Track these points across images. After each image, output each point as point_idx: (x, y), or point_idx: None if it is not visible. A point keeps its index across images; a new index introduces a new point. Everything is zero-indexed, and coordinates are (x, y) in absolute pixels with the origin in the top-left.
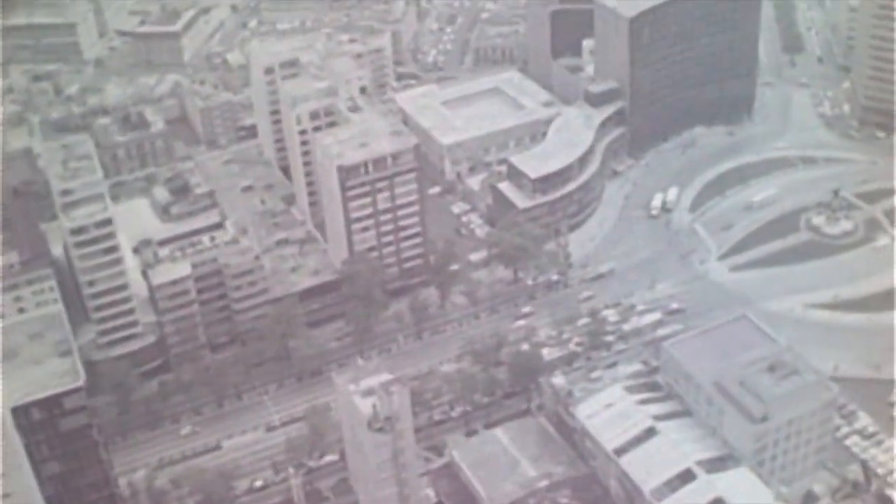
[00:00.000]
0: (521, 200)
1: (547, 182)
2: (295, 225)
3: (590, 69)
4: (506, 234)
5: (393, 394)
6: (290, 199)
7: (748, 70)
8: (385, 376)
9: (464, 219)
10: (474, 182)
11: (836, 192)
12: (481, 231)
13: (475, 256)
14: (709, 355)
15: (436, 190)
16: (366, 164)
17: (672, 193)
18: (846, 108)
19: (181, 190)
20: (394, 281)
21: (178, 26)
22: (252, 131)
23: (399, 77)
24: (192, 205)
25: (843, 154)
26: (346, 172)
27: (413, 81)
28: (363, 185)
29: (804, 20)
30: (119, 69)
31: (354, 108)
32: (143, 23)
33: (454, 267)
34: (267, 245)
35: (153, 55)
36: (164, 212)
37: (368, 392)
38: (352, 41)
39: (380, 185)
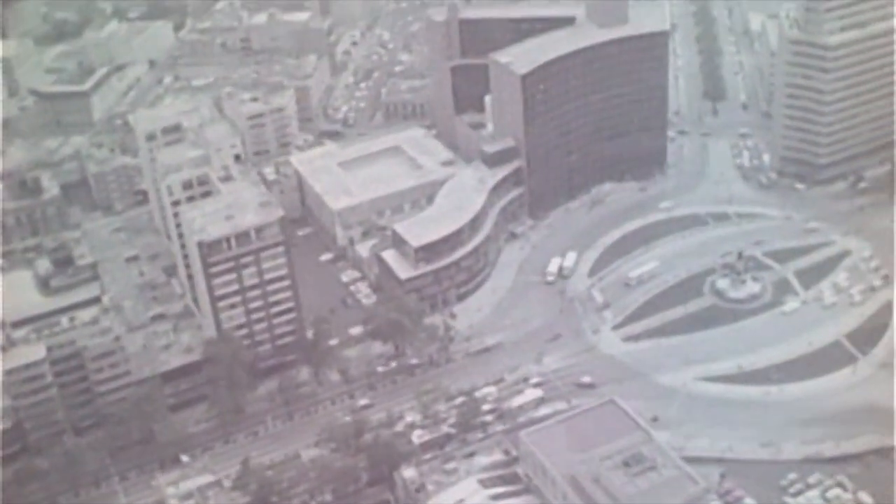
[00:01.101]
0: (403, 270)
1: (431, 250)
2: (173, 298)
3: (492, 126)
4: (381, 308)
5: (209, 500)
6: (172, 270)
7: (658, 122)
8: (207, 478)
9: (352, 288)
10: (363, 249)
11: (740, 254)
12: (369, 301)
13: (357, 330)
14: (569, 445)
15: (328, 256)
16: (228, 239)
17: (570, 258)
18: (766, 158)
19: (64, 261)
20: (267, 358)
21: (87, 85)
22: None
23: (321, 134)
24: (72, 277)
25: (757, 209)
26: (207, 248)
27: (326, 141)
28: (227, 260)
29: (732, 64)
30: (26, 131)
31: (227, 178)
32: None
33: (333, 342)
34: (142, 320)
35: (62, 116)
36: (43, 284)
37: (187, 496)
38: (253, 100)
39: (245, 260)
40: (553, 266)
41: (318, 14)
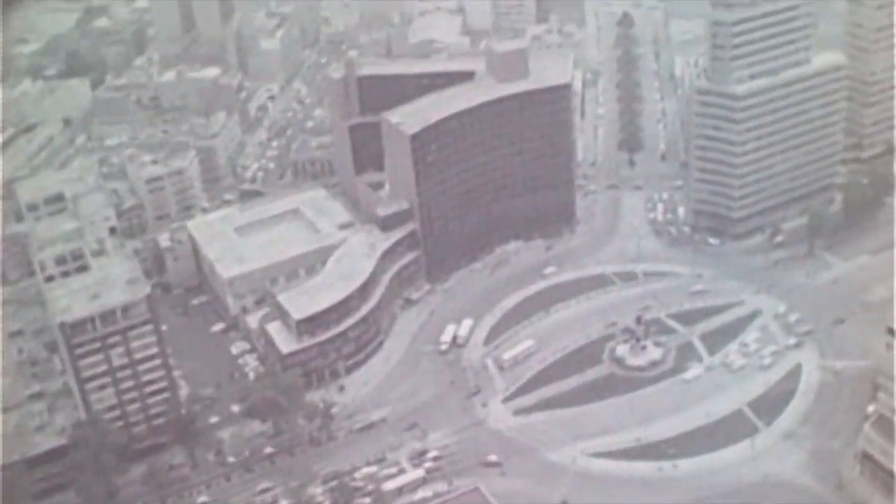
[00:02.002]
0: (285, 344)
1: (315, 322)
2: (53, 376)
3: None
4: (257, 385)
5: None
6: (54, 346)
7: (565, 177)
8: None
9: (240, 361)
10: (254, 319)
11: (639, 319)
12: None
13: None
14: None
15: (220, 327)
16: (92, 319)
17: (465, 325)
18: (681, 211)
19: None
20: (143, 440)
21: None
22: None
23: (243, 194)
24: None
25: (667, 267)
26: (70, 329)
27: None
28: (93, 340)
29: (654, 112)
30: None
31: (99, 252)
32: None
33: (214, 420)
34: (19, 399)
35: None
36: None
37: None
38: (153, 162)
39: (112, 340)
40: (447, 334)
41: (233, 69)
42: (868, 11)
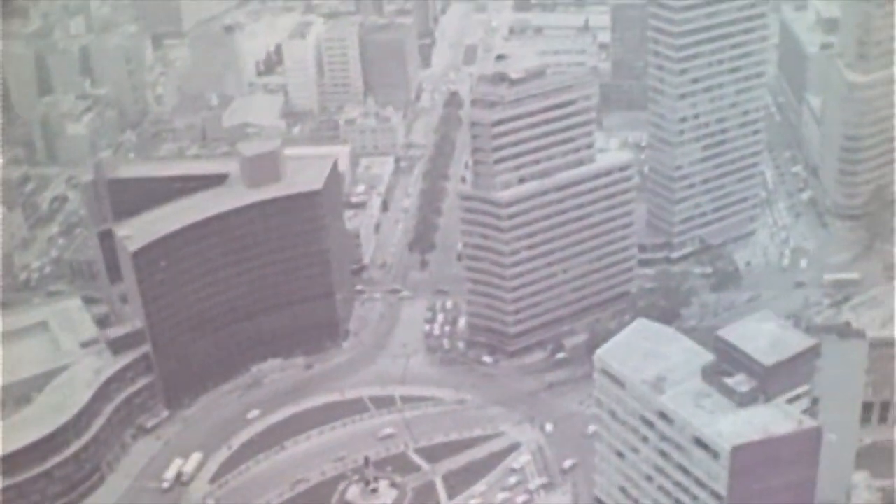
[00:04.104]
0: None
1: (13, 461)
2: None
3: None
4: None
5: None
6: None
7: (324, 289)
8: None
9: None
10: None
11: (367, 459)
12: None
13: None
14: None
15: None
16: None
17: (193, 459)
18: (462, 323)
19: None
20: None
21: None
22: None
23: (49, 294)
24: None
25: (429, 391)
26: None
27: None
28: None
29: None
30: None
31: None
32: None
33: None
34: None
35: None
36: None
37: None
38: None
39: None
40: (171, 471)
41: (37, 156)
42: (669, 101)
